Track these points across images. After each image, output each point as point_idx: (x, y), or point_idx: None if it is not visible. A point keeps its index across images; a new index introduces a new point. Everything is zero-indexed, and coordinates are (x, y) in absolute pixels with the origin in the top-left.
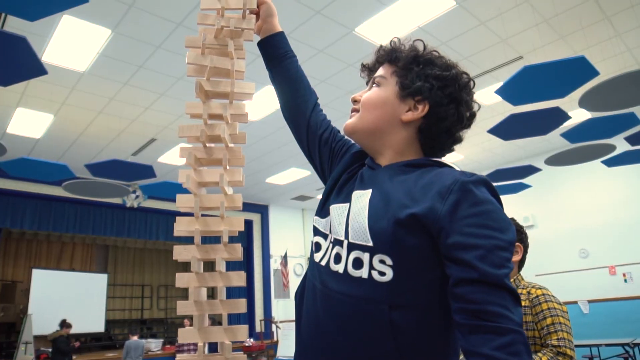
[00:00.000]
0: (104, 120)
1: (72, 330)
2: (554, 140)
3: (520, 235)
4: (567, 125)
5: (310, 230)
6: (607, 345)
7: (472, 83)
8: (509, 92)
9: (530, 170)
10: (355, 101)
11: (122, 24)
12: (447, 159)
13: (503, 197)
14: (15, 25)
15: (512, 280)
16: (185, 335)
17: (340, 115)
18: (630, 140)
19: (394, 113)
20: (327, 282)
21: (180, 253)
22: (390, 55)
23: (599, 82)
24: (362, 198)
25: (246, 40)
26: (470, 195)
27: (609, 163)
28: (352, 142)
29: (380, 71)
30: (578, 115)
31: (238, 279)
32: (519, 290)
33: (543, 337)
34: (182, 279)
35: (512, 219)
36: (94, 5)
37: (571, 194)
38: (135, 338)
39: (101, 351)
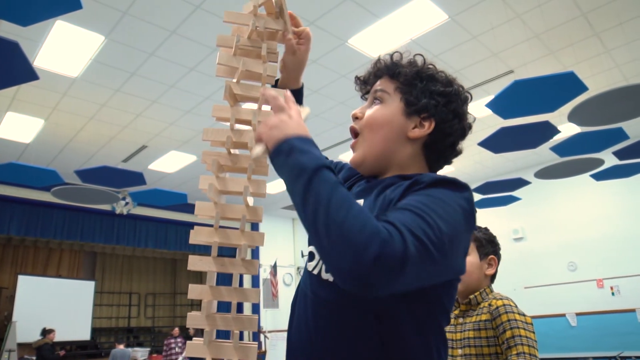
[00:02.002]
0: (95, 126)
1: (58, 338)
2: (543, 154)
3: (494, 247)
4: (557, 139)
5: (300, 239)
6: (594, 358)
7: (470, 96)
8: (499, 105)
9: (520, 183)
10: (356, 118)
11: (116, 30)
12: (440, 171)
13: (492, 210)
14: (7, 29)
15: (478, 293)
16: (194, 320)
17: (332, 126)
18: (619, 154)
19: (401, 131)
20: (317, 290)
21: (196, 264)
22: (391, 70)
23: (588, 97)
24: None
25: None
26: (425, 184)
27: (598, 177)
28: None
29: (381, 85)
30: (567, 130)
31: (254, 296)
32: (483, 303)
33: (504, 351)
34: (195, 291)
35: (486, 229)
36: (88, 11)
37: (560, 207)
38: (121, 347)
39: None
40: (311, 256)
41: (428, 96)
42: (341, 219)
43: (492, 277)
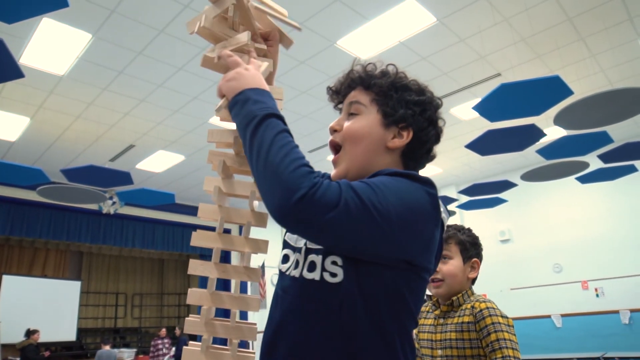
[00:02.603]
0: (82, 125)
1: (43, 339)
2: (530, 157)
3: (477, 249)
4: (543, 142)
5: None
6: (579, 358)
7: (440, 102)
8: (485, 108)
9: (507, 185)
10: (334, 131)
11: (103, 29)
12: (427, 172)
13: (480, 212)
14: None
15: (460, 295)
16: (192, 326)
17: (320, 127)
18: (603, 158)
19: (380, 142)
20: (286, 287)
21: (197, 268)
22: (365, 81)
23: (574, 101)
24: None
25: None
26: (385, 173)
27: (583, 180)
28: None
29: (356, 97)
30: (553, 133)
31: (255, 304)
32: (465, 305)
33: (488, 354)
34: (194, 296)
35: (469, 230)
36: (75, 9)
37: (546, 209)
38: (107, 347)
39: None
40: (285, 259)
41: (404, 106)
42: (278, 161)
43: (474, 280)
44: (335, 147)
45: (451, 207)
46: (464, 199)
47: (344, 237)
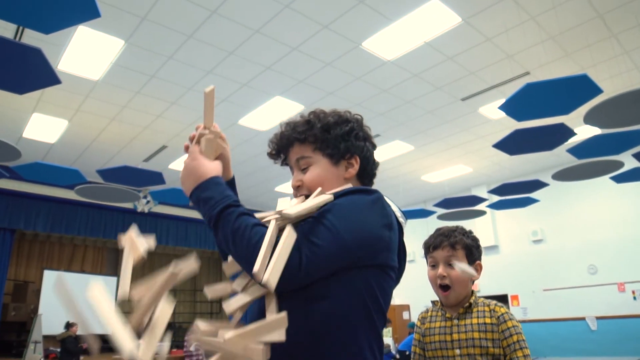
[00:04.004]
0: (116, 127)
1: (81, 332)
2: (562, 156)
3: (480, 252)
4: (575, 141)
5: None
6: None
7: (360, 117)
8: (512, 108)
9: (538, 185)
10: (298, 187)
11: (135, 35)
12: (457, 172)
13: (511, 211)
14: (33, 34)
15: (472, 298)
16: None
17: None
18: (638, 157)
19: (337, 178)
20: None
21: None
22: (298, 138)
23: (604, 99)
24: None
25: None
26: (343, 195)
27: (618, 179)
28: None
29: (298, 153)
30: (586, 132)
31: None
32: (480, 308)
33: (509, 354)
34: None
35: (471, 233)
36: (108, 17)
37: (580, 210)
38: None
39: (109, 353)
40: None
41: (341, 140)
42: (244, 251)
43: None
44: (305, 197)
45: (481, 206)
46: (494, 198)
47: (318, 276)
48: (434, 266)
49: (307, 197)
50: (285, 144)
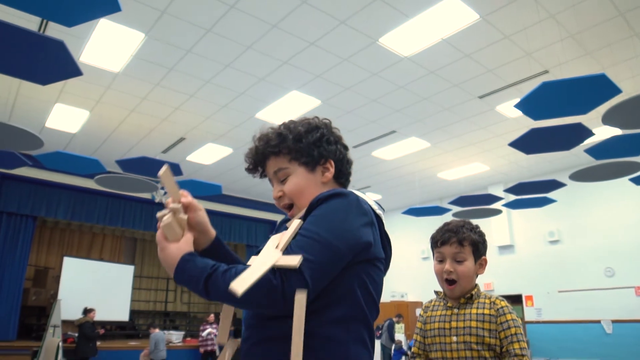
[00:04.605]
0: (136, 118)
1: (98, 318)
2: (581, 156)
3: (485, 247)
4: (594, 141)
5: None
6: None
7: (329, 120)
8: (528, 106)
9: (554, 185)
10: (280, 197)
11: (155, 28)
12: (474, 170)
13: (527, 211)
14: (56, 27)
15: (475, 290)
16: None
17: (363, 122)
18: None
19: (316, 183)
20: None
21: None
22: (273, 152)
23: (624, 99)
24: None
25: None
26: (319, 204)
27: (637, 181)
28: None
29: (275, 166)
30: (605, 132)
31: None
32: (481, 300)
33: (506, 345)
34: None
35: (478, 228)
36: (129, 10)
37: (598, 211)
38: (157, 331)
39: (125, 339)
40: None
41: (314, 147)
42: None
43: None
44: (288, 206)
45: (497, 205)
46: (510, 197)
47: (322, 287)
48: (441, 261)
49: (290, 206)
50: (261, 158)
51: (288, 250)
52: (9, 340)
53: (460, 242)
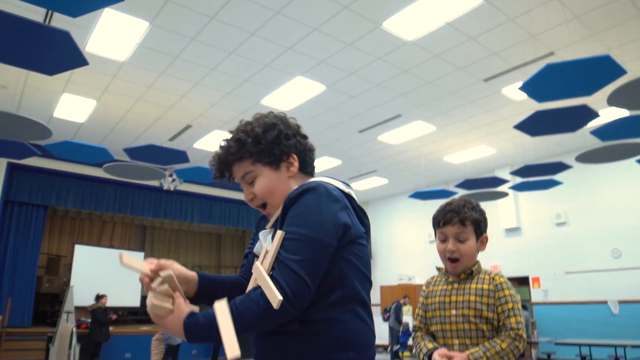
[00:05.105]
0: (142, 107)
1: (110, 304)
2: (588, 138)
3: (486, 224)
4: (600, 122)
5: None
6: (632, 346)
7: (284, 114)
8: (532, 89)
9: (560, 167)
10: (252, 199)
11: (159, 17)
12: (480, 153)
13: (534, 193)
14: (61, 17)
15: (476, 266)
16: None
17: (368, 107)
18: None
19: (283, 179)
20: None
21: None
22: (235, 158)
23: (630, 80)
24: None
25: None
26: (288, 205)
27: None
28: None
29: (241, 171)
30: (611, 114)
31: None
32: (481, 275)
33: (503, 319)
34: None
35: (479, 206)
36: None
37: (605, 193)
38: None
39: (136, 324)
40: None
41: (274, 144)
42: (263, 318)
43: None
44: (262, 205)
45: (503, 188)
46: (516, 180)
47: (317, 280)
48: (443, 240)
49: (263, 205)
50: (226, 166)
51: (276, 261)
52: (24, 327)
53: (462, 222)
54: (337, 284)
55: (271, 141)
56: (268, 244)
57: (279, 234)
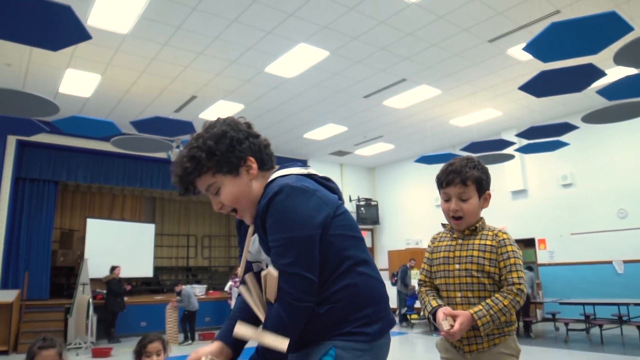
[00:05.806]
0: (146, 79)
1: (124, 274)
2: (594, 97)
3: (489, 181)
4: (607, 81)
5: (348, 183)
6: (635, 304)
7: (229, 119)
8: (537, 49)
9: (567, 127)
10: (222, 207)
11: None
12: (486, 115)
13: (540, 155)
14: None
15: (480, 223)
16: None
17: (373, 72)
18: None
19: (246, 184)
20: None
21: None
22: (197, 172)
23: (637, 37)
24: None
25: None
26: (263, 211)
27: None
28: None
29: (204, 184)
30: (618, 72)
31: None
32: (485, 232)
33: (505, 274)
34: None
35: (480, 163)
36: None
37: (612, 153)
38: (185, 287)
39: (150, 294)
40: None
41: (229, 155)
42: (285, 330)
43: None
44: (233, 210)
45: (509, 150)
46: (522, 142)
47: (317, 270)
48: (447, 200)
49: (234, 210)
50: (190, 183)
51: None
52: (42, 299)
53: (463, 182)
54: (337, 260)
55: (225, 150)
56: (257, 251)
57: (270, 273)
